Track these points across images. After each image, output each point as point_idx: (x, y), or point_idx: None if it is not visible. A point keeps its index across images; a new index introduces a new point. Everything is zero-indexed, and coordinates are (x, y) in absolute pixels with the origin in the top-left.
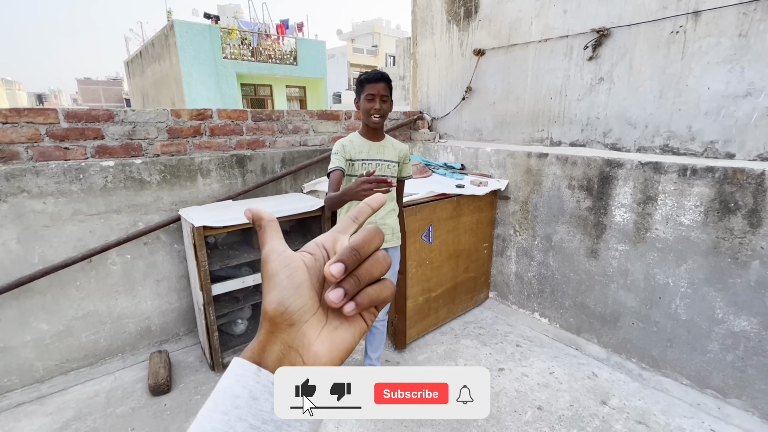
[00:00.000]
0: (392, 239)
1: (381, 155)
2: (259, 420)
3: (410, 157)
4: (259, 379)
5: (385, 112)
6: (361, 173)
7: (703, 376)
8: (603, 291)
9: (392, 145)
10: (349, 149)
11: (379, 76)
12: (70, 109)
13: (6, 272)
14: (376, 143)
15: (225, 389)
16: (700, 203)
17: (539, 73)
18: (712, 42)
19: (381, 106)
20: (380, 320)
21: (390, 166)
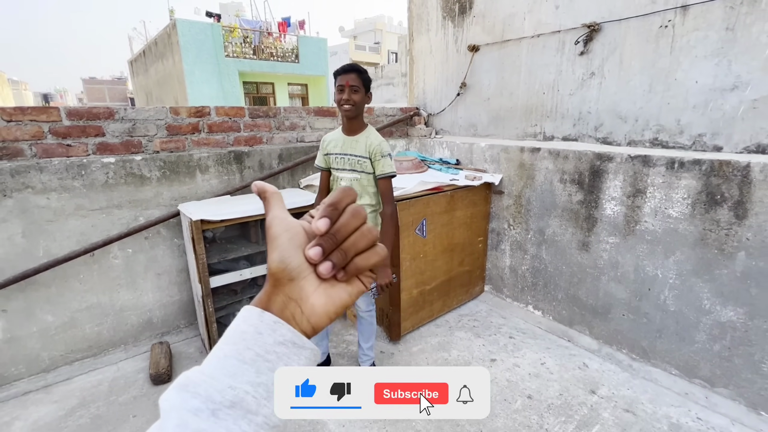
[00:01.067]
0: None
1: (352, 150)
2: (263, 350)
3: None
4: (263, 318)
5: (355, 102)
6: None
7: (691, 366)
8: (594, 283)
9: (366, 139)
10: (327, 143)
11: (348, 67)
12: (72, 107)
13: (12, 265)
14: (351, 137)
15: (234, 328)
16: (687, 195)
17: (532, 69)
18: (699, 36)
19: (350, 96)
20: (367, 311)
21: (360, 161)
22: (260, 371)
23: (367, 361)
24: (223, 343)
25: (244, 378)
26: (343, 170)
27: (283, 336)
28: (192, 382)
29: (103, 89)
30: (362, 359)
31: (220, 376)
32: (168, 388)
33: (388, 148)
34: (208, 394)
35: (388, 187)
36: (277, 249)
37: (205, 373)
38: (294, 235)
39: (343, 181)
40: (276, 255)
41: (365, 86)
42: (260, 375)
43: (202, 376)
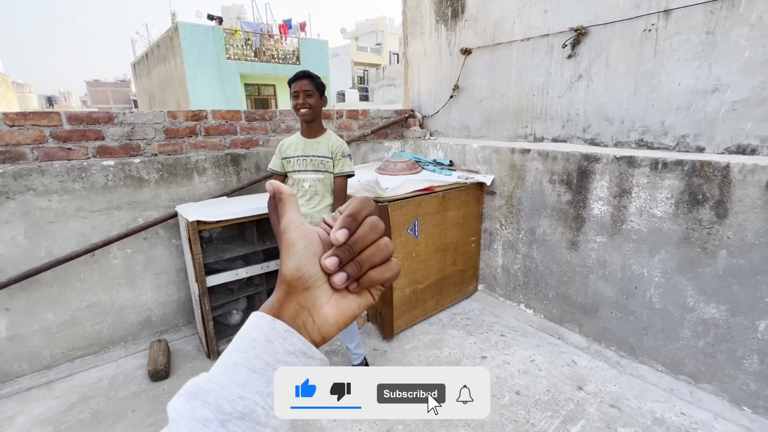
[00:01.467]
0: None
1: (314, 151)
2: (273, 359)
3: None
4: (274, 326)
5: (311, 106)
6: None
7: (676, 363)
8: (583, 282)
9: (328, 141)
10: (286, 147)
11: (300, 74)
12: (72, 112)
13: (15, 265)
14: (311, 140)
15: (244, 334)
16: (671, 195)
17: (522, 71)
18: (681, 39)
19: (305, 101)
20: None
21: (323, 161)
22: (270, 381)
23: (358, 359)
24: (233, 349)
25: (254, 388)
26: (306, 171)
27: (293, 345)
28: (201, 390)
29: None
30: (353, 358)
31: (230, 386)
32: (176, 395)
33: (349, 149)
34: (218, 404)
35: (343, 185)
36: (293, 256)
37: (215, 381)
38: (310, 243)
39: (306, 182)
40: (292, 262)
41: (318, 91)
42: (269, 385)
43: (212, 385)
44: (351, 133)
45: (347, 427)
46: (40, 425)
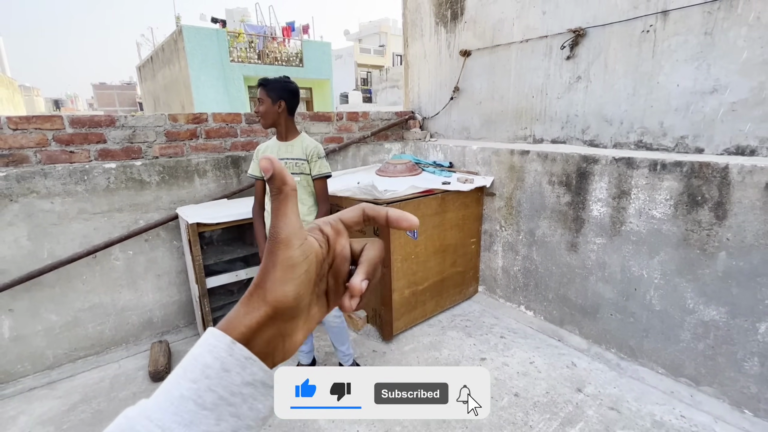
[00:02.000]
0: None
1: (289, 154)
2: (228, 392)
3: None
4: (233, 352)
5: (261, 113)
6: None
7: (677, 365)
8: (583, 283)
9: (301, 142)
10: (262, 152)
11: (257, 83)
12: (75, 116)
13: (18, 267)
14: (285, 143)
15: (196, 357)
16: (670, 197)
17: (522, 73)
18: (680, 40)
19: (258, 109)
20: (336, 316)
21: (298, 163)
22: (221, 418)
23: (348, 360)
24: (181, 376)
25: (201, 428)
26: None
27: (253, 375)
28: None
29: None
30: (344, 360)
31: (172, 426)
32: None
33: (323, 150)
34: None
35: (323, 187)
36: (293, 281)
37: (154, 420)
38: (311, 266)
39: None
40: (291, 289)
41: (270, 96)
42: (220, 422)
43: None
44: (351, 135)
45: (345, 429)
46: (42, 425)
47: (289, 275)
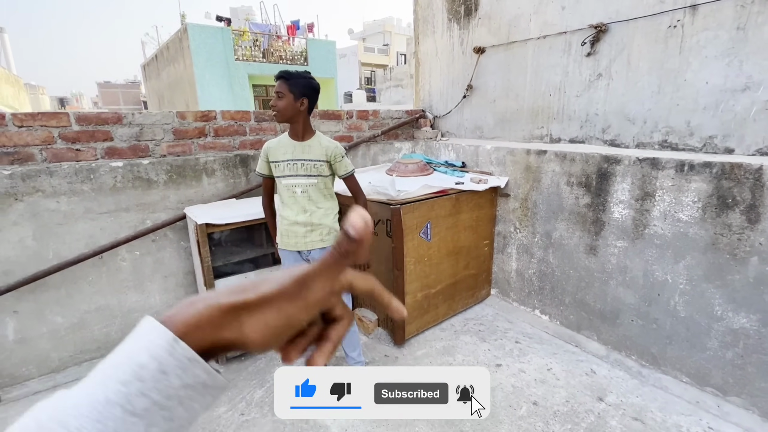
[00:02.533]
0: (330, 239)
1: (306, 155)
2: (163, 396)
3: (343, 152)
4: (174, 351)
5: (280, 109)
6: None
7: (702, 374)
8: (602, 288)
9: (320, 143)
10: (272, 151)
11: (278, 74)
12: (81, 113)
13: (23, 267)
14: (302, 142)
15: (130, 355)
16: (698, 199)
17: (538, 70)
18: (710, 36)
19: (276, 103)
20: None
21: (316, 165)
22: (152, 423)
23: (360, 366)
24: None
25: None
26: (296, 176)
27: (195, 378)
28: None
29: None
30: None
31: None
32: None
33: (343, 149)
34: None
35: (355, 182)
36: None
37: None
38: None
39: (298, 188)
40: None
41: (292, 91)
42: (150, 428)
43: None
44: (361, 134)
45: (347, 429)
46: None
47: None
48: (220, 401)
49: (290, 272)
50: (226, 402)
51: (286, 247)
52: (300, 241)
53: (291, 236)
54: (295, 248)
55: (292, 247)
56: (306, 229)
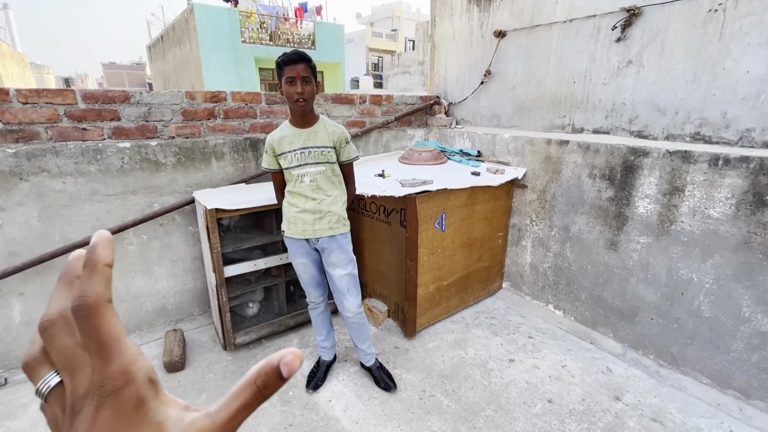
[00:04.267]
0: (339, 226)
1: (313, 142)
2: None
3: (348, 138)
4: None
5: (308, 96)
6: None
7: (725, 376)
8: (622, 284)
9: (325, 129)
10: (278, 144)
11: (296, 56)
12: (87, 90)
13: (29, 249)
14: (307, 130)
15: None
16: (731, 195)
17: (563, 56)
18: (754, 21)
19: (303, 89)
20: (356, 314)
21: (324, 152)
22: None
23: (371, 360)
24: None
25: None
26: (306, 165)
27: None
28: None
29: (122, 74)
30: (365, 359)
31: None
32: None
33: (348, 133)
34: None
35: (352, 170)
36: None
37: None
38: None
39: (306, 178)
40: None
41: (314, 75)
42: None
43: None
44: (374, 120)
45: (369, 430)
46: None
47: None
48: (228, 389)
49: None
50: None
51: (293, 235)
52: (308, 228)
53: (299, 224)
54: (303, 236)
55: (299, 235)
56: (315, 217)
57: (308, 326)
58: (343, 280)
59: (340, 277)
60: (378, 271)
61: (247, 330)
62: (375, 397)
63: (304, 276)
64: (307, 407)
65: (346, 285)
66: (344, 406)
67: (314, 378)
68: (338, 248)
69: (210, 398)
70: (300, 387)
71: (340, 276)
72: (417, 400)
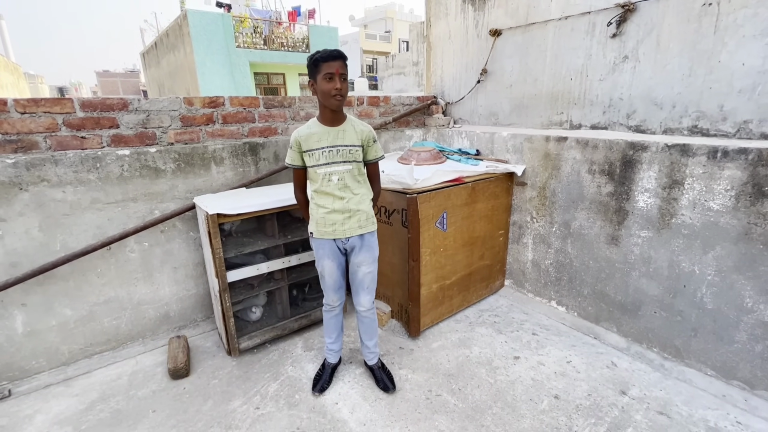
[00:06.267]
0: (368, 225)
1: (342, 140)
2: None
3: (375, 137)
4: None
5: (345, 93)
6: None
7: (729, 367)
8: (624, 279)
9: (353, 128)
10: (305, 140)
11: (336, 53)
12: (86, 98)
13: (30, 259)
14: (336, 128)
15: None
16: (730, 187)
17: (559, 53)
18: (748, 14)
19: (342, 86)
20: (368, 309)
21: (352, 151)
22: None
23: (374, 358)
24: None
25: None
26: (334, 164)
27: None
28: None
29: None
30: (369, 357)
31: None
32: None
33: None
34: None
35: (378, 171)
36: None
37: None
38: None
39: (334, 176)
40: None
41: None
42: None
43: None
44: (372, 121)
45: (365, 423)
46: (60, 425)
47: None
48: (234, 394)
49: None
50: (241, 395)
51: (322, 236)
52: (338, 229)
53: (328, 225)
54: (332, 236)
55: (329, 236)
56: (344, 216)
57: (312, 329)
58: (366, 277)
59: (364, 274)
60: (380, 272)
61: (251, 335)
62: (382, 399)
63: (327, 279)
64: (314, 410)
65: (367, 282)
66: (351, 407)
67: (320, 380)
68: (366, 247)
69: (216, 404)
70: (306, 390)
71: (364, 273)
72: (424, 400)
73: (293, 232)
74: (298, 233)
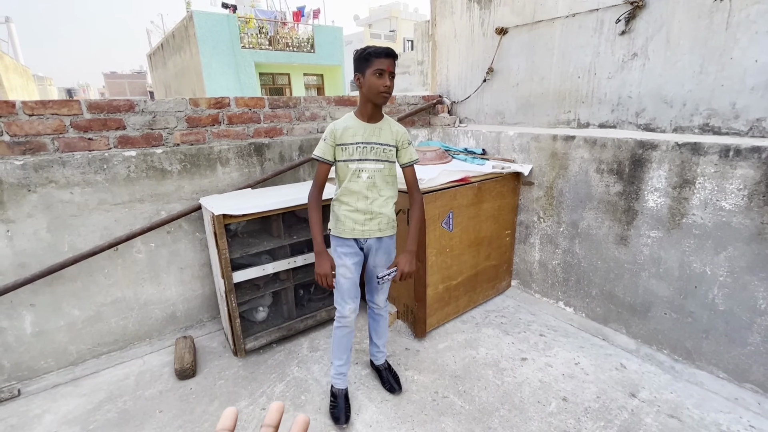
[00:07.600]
0: (387, 228)
1: (377, 138)
2: None
3: (409, 139)
4: None
5: (391, 91)
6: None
7: (742, 370)
8: (633, 280)
9: (390, 127)
10: (340, 133)
11: (389, 51)
12: (93, 100)
13: (38, 260)
14: (372, 125)
15: None
16: (743, 186)
17: (566, 51)
18: (761, 9)
19: (390, 84)
20: (382, 307)
21: (386, 150)
22: None
23: (382, 358)
24: None
25: None
26: (366, 160)
27: None
28: None
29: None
30: (377, 357)
31: None
32: None
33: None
34: None
35: (414, 174)
36: None
37: None
38: None
39: (364, 173)
40: None
41: None
42: None
43: None
44: None
45: (372, 425)
46: (68, 425)
47: None
48: (240, 395)
49: None
50: (247, 396)
51: (341, 234)
52: (357, 228)
53: (348, 222)
54: (351, 235)
55: (347, 234)
56: (365, 217)
57: (317, 330)
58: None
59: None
60: None
61: (257, 335)
62: (388, 400)
63: (343, 281)
64: (320, 411)
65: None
66: (357, 409)
67: (340, 411)
68: (384, 250)
69: (222, 404)
70: (312, 391)
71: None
72: (430, 402)
73: (299, 232)
74: (304, 234)
